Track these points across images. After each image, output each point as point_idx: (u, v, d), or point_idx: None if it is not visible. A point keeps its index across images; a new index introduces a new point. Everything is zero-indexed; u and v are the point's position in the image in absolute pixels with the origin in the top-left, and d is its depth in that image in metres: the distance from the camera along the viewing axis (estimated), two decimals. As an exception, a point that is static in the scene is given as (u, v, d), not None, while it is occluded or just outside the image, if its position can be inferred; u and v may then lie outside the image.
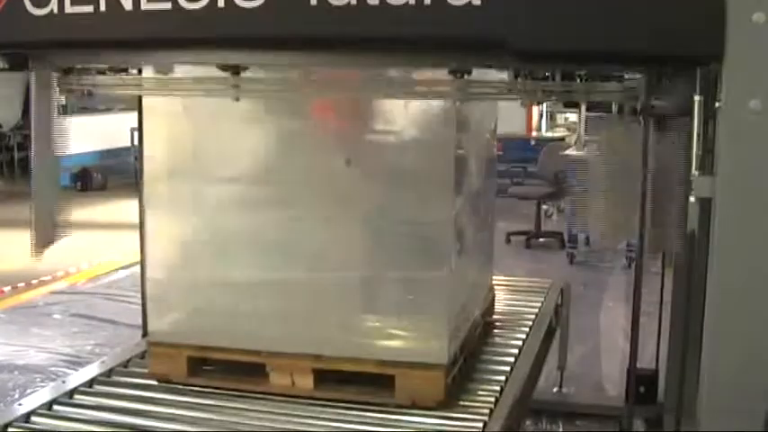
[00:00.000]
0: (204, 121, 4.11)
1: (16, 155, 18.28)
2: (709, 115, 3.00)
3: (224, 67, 3.59)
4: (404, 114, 3.93)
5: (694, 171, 3.01)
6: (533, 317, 5.46)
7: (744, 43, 2.78)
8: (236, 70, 3.60)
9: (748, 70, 2.80)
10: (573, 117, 19.11)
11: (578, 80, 3.52)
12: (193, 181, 4.17)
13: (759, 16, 2.75)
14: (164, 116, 4.18)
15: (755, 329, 2.91)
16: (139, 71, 4.00)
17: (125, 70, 3.98)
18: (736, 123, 2.83)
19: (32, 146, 3.86)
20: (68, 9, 3.16)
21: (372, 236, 4.05)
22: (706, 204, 2.99)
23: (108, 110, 17.59)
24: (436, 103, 3.89)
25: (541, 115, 18.05)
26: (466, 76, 3.51)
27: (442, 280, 4.01)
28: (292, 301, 4.11)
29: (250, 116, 4.06)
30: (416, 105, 3.90)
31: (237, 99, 3.69)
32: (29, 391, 6.35)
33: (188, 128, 4.15)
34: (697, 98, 3.03)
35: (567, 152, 11.36)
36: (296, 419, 3.89)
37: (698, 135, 3.04)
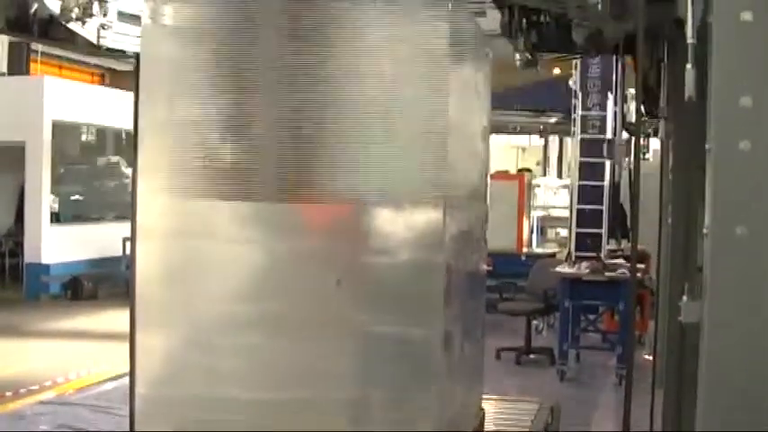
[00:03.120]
0: (197, 239, 4.16)
1: (7, 261, 18.21)
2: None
3: None
4: (394, 234, 3.97)
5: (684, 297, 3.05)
6: (524, 437, 5.43)
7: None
8: None
9: (733, 196, 2.86)
10: (564, 232, 19.22)
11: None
12: (185, 297, 4.18)
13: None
14: (157, 236, 4.22)
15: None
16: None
17: None
18: (722, 247, 2.87)
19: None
20: None
21: (362, 355, 4.05)
22: (694, 326, 3.02)
23: (100, 219, 17.65)
24: (426, 221, 3.93)
25: (532, 230, 18.14)
26: None
27: (430, 400, 4.00)
28: (281, 419, 4.08)
29: (242, 235, 4.11)
30: (407, 224, 3.95)
31: None
32: (11, 505, 6.24)
33: (181, 245, 4.19)
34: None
35: (558, 269, 11.37)
36: None
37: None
